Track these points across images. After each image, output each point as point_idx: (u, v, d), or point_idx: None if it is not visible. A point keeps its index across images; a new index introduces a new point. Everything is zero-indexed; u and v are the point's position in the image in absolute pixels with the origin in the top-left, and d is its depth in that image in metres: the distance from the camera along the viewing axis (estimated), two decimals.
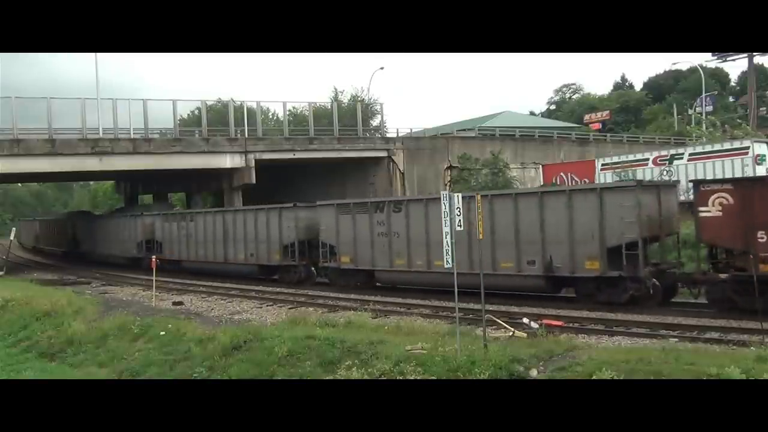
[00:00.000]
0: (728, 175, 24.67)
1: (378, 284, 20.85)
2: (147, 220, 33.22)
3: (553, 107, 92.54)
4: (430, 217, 18.11)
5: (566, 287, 16.87)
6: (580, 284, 16.06)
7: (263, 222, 25.19)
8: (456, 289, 11.22)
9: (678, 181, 20.67)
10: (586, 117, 70.35)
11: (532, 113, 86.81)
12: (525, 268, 16.56)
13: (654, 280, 15.07)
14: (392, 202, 20.63)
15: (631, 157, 32.34)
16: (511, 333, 12.64)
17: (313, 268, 23.73)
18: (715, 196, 13.55)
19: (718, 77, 75.29)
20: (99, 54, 36.69)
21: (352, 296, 19.37)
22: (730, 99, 75.76)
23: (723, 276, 13.89)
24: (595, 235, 15.28)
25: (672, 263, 16.00)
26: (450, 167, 38.97)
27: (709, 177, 24.74)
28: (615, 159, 33.05)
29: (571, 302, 16.18)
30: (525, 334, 12.49)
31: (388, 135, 42.12)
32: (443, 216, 10.99)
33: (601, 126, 65.37)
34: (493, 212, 17.00)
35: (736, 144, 27.84)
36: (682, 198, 18.88)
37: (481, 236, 11.60)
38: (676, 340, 11.68)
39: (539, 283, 16.47)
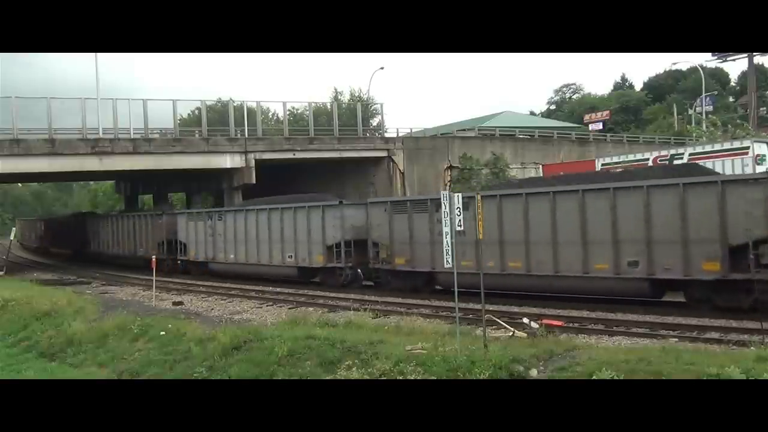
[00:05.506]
0: None
1: (438, 287, 19.48)
2: (169, 219, 31.35)
3: (553, 107, 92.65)
4: (503, 214, 17.15)
5: (673, 291, 15.43)
6: (692, 288, 14.57)
7: (303, 221, 23.50)
8: (456, 289, 11.23)
9: None
10: (586, 117, 70.33)
11: (532, 113, 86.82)
12: (625, 270, 15.12)
13: None
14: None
15: (631, 157, 32.30)
16: (511, 333, 12.64)
17: (359, 270, 22.59)
18: None
19: (718, 77, 75.46)
20: (99, 54, 36.67)
21: (352, 296, 19.37)
22: (730, 99, 75.79)
23: None
24: (715, 233, 13.77)
25: None
26: (450, 167, 38.96)
27: None
28: (615, 159, 33.01)
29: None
30: (525, 334, 12.49)
31: (388, 135, 42.05)
32: (443, 216, 10.99)
33: (602, 126, 65.26)
34: (585, 208, 15.77)
35: (736, 144, 27.78)
36: None
37: (480, 236, 11.60)
38: (676, 340, 11.69)
39: (642, 286, 15.11)
